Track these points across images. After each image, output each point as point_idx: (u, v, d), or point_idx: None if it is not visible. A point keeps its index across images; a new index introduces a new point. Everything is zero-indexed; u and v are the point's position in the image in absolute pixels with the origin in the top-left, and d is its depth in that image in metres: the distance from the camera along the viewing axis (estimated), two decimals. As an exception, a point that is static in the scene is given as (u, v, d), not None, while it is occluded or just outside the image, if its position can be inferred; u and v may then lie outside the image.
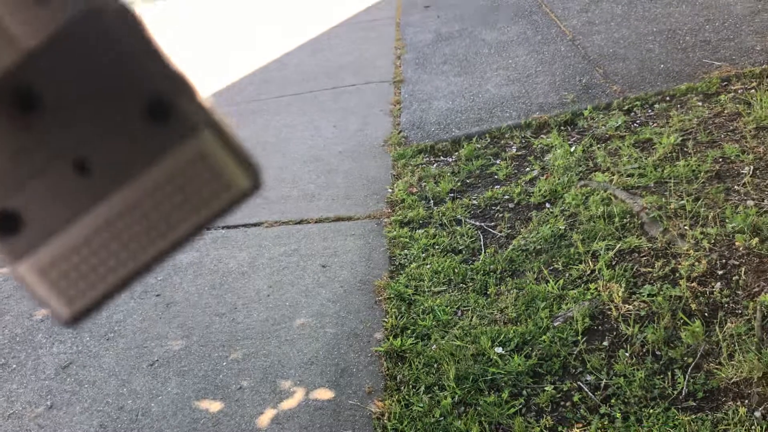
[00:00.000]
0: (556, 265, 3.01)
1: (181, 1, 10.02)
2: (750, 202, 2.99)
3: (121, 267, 0.41)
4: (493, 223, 3.46)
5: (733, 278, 2.64)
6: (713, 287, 2.63)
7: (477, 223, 3.48)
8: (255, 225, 3.77)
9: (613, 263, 2.92)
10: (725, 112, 3.82)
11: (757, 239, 2.75)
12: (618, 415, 2.26)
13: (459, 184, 3.88)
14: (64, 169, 0.39)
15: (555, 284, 2.87)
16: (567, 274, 2.94)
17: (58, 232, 0.40)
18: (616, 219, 3.14)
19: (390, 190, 3.93)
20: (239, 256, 3.49)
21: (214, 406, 2.60)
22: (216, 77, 6.40)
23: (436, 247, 3.33)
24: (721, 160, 3.38)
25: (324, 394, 2.61)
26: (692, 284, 2.66)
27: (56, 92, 0.38)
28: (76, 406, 2.67)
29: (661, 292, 2.67)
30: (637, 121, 4.04)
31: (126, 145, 0.39)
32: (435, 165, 4.17)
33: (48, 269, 0.40)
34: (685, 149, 3.56)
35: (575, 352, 2.55)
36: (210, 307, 3.13)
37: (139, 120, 0.39)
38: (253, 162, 0.41)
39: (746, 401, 2.20)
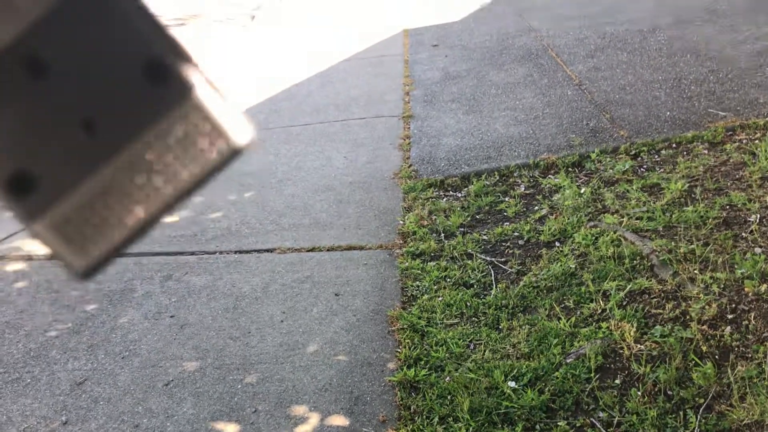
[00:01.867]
0: (567, 303, 3.07)
1: (189, 30, 10.15)
2: (758, 249, 3.08)
3: (130, 221, 0.44)
4: (503, 259, 3.52)
5: (743, 323, 2.71)
6: (723, 330, 2.69)
7: (488, 258, 3.54)
8: (268, 251, 3.82)
9: (624, 303, 2.98)
10: (731, 160, 3.93)
11: (765, 285, 2.83)
12: (632, 452, 2.30)
13: (469, 219, 3.95)
14: (72, 131, 0.42)
15: (567, 321, 2.93)
16: (578, 312, 3.00)
17: (70, 190, 0.43)
18: (627, 260, 3.22)
19: (401, 222, 4.00)
20: (253, 281, 3.53)
21: (230, 428, 2.62)
22: (226, 104, 6.47)
23: (448, 280, 3.39)
24: (728, 207, 3.48)
25: (338, 420, 2.63)
26: (703, 327, 2.73)
27: (61, 59, 0.42)
28: (91, 423, 2.68)
29: (672, 333, 2.73)
30: (644, 166, 4.14)
31: (129, 106, 0.42)
32: (445, 199, 4.24)
33: (62, 226, 0.43)
34: (693, 195, 3.65)
35: (588, 389, 2.60)
36: (224, 330, 3.16)
37: (139, 81, 0.42)
38: (244, 120, 0.45)
39: (757, 443, 2.25)
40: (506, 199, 4.13)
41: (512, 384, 2.68)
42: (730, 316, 2.76)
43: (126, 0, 0.42)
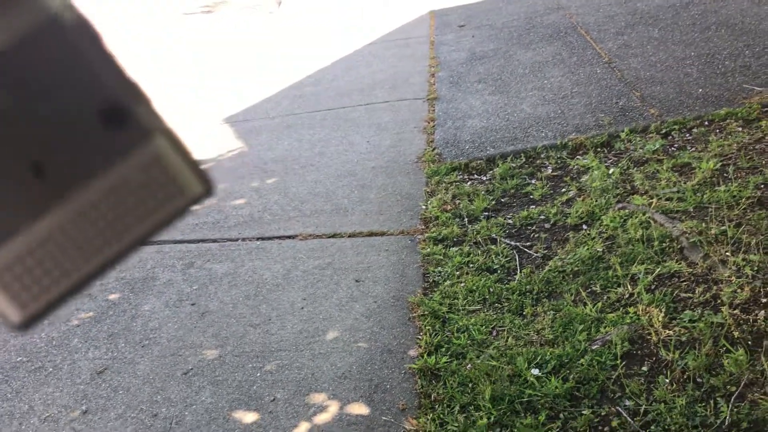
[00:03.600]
0: (594, 288, 2.98)
1: (216, 17, 10.16)
2: (794, 230, 2.95)
3: (75, 270, 0.41)
4: (528, 243, 3.44)
5: (778, 307, 2.60)
6: (757, 315, 2.58)
7: (512, 243, 3.46)
8: (289, 237, 3.79)
9: (653, 287, 2.88)
10: (766, 138, 3.77)
11: (802, 268, 2.70)
12: (659, 442, 2.22)
13: (494, 202, 3.86)
14: (19, 174, 0.39)
15: (593, 307, 2.84)
16: (605, 297, 2.90)
17: (12, 235, 0.40)
18: (656, 243, 3.11)
19: (424, 207, 3.93)
20: (274, 268, 3.50)
21: (248, 417, 2.60)
22: (252, 90, 6.46)
23: (471, 265, 3.31)
24: (762, 186, 3.34)
25: (358, 408, 2.59)
26: (735, 311, 2.62)
27: (12, 98, 0.38)
28: (110, 412, 2.69)
29: (702, 318, 2.63)
30: (675, 145, 4.00)
31: (82, 150, 0.39)
32: (469, 183, 4.16)
33: (1, 273, 0.40)
34: (725, 175, 3.52)
35: (614, 377, 2.51)
36: (244, 318, 3.14)
37: (95, 126, 0.39)
38: (203, 169, 0.42)
39: (792, 433, 2.15)
40: (532, 181, 4.03)
41: (536, 371, 2.61)
42: (763, 300, 2.64)
43: (87, 40, 0.39)
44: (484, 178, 4.19)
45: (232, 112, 5.97)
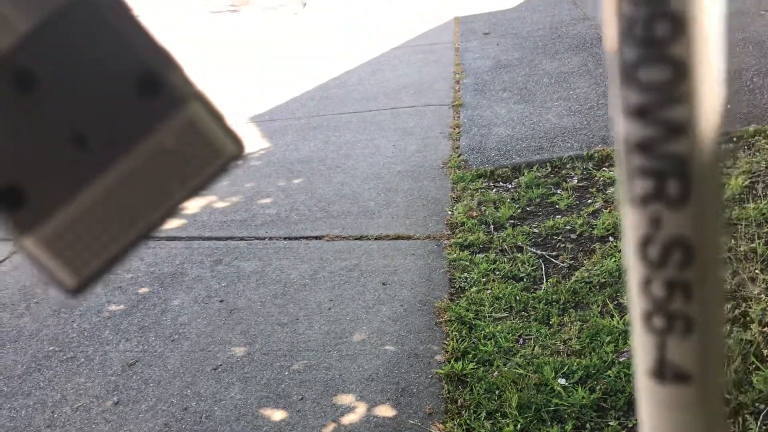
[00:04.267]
0: (621, 300, 3.00)
1: (242, 16, 10.23)
2: (824, 250, 2.95)
3: (122, 234, 0.43)
4: (555, 253, 3.46)
5: (807, 326, 2.61)
6: (786, 334, 2.59)
7: (538, 252, 3.48)
8: (316, 238, 3.83)
9: (680, 302, 2.89)
10: (795, 157, 3.78)
11: (832, 288, 2.71)
12: (686, 456, 2.23)
13: (519, 210, 3.89)
14: (62, 145, 0.41)
15: (620, 319, 2.85)
16: (632, 310, 2.92)
17: (61, 204, 0.41)
18: (683, 257, 3.12)
19: (450, 213, 3.95)
20: (301, 268, 3.54)
21: (277, 414, 2.63)
22: (277, 90, 6.51)
23: (497, 272, 3.34)
24: (792, 205, 3.34)
25: (385, 411, 2.62)
26: (764, 329, 2.63)
27: (51, 72, 0.40)
28: (141, 404, 2.73)
29: (731, 335, 2.64)
30: (703, 161, 4.00)
31: (120, 119, 0.41)
32: (494, 190, 4.18)
33: (53, 241, 0.42)
34: (754, 192, 3.52)
35: (641, 389, 2.52)
36: (272, 316, 3.18)
37: (130, 94, 0.41)
38: (236, 131, 0.44)
39: (821, 453, 2.16)
40: (558, 191, 4.05)
41: (562, 381, 2.63)
42: (793, 319, 2.65)
43: (118, 12, 0.41)
44: (510, 186, 4.21)
45: (257, 112, 6.02)
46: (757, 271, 2.93)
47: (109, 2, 0.41)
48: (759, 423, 2.28)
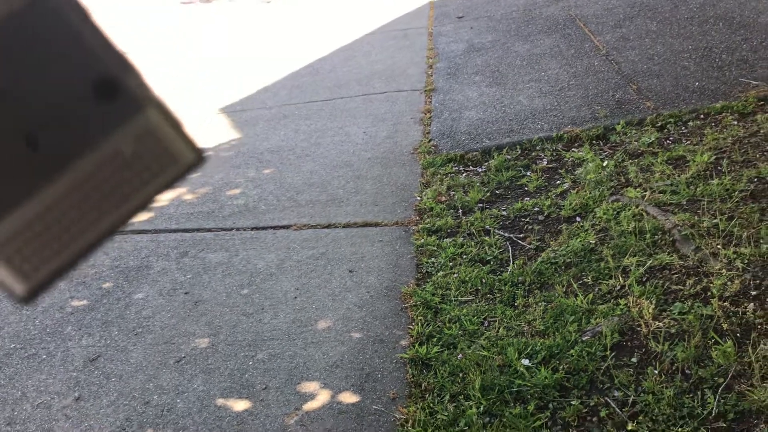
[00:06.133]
0: (585, 280, 2.99)
1: (214, 6, 10.13)
2: (786, 224, 2.95)
3: (74, 241, 0.41)
4: (522, 235, 3.45)
5: (767, 299, 2.61)
6: (746, 308, 2.59)
7: (506, 234, 3.47)
8: (284, 227, 3.80)
9: (644, 279, 2.89)
10: (761, 132, 3.77)
11: (792, 261, 2.71)
12: (646, 432, 2.23)
13: (488, 194, 3.87)
14: (16, 147, 0.40)
15: (584, 298, 2.85)
16: (596, 289, 2.92)
17: (11, 208, 0.40)
18: (648, 235, 3.12)
19: (418, 198, 3.93)
20: (267, 258, 3.51)
21: (240, 405, 2.61)
22: (249, 80, 6.46)
23: (464, 256, 3.32)
24: (756, 180, 3.34)
25: (348, 397, 2.61)
26: (724, 303, 2.63)
27: (6, 73, 0.39)
28: (103, 399, 2.70)
29: (692, 311, 2.64)
30: (671, 138, 4.00)
31: (77, 122, 0.40)
32: (464, 174, 4.16)
33: (1, 247, 0.41)
34: (719, 168, 3.52)
35: (603, 368, 2.53)
36: (237, 307, 3.16)
37: (88, 98, 0.40)
38: (193, 138, 0.43)
39: (778, 424, 2.16)
40: (528, 173, 4.04)
41: (526, 362, 2.62)
42: (753, 293, 2.65)
43: (76, 15, 0.40)
44: (480, 170, 4.19)
45: (228, 102, 5.97)
46: (719, 246, 2.93)
47: (68, 5, 0.40)
48: (717, 397, 2.28)
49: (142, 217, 4.08)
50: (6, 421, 2.65)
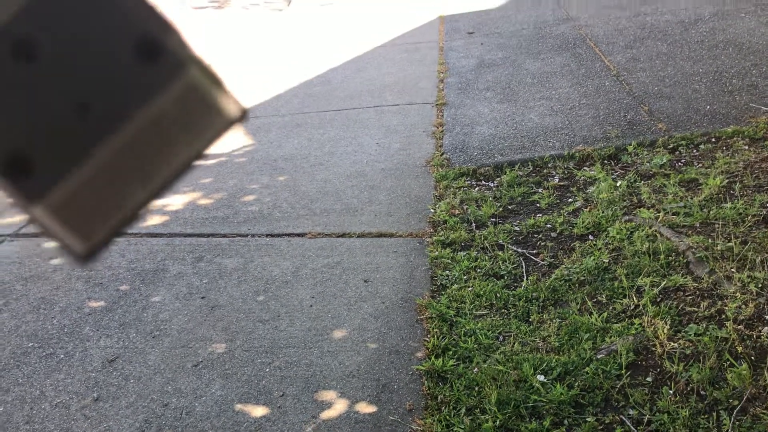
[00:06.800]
0: (599, 298, 3.03)
1: (226, 13, 10.19)
2: (798, 250, 3.00)
3: (129, 200, 0.44)
4: (535, 251, 3.49)
5: (781, 324, 2.65)
6: (761, 331, 2.63)
7: (519, 250, 3.51)
8: (299, 235, 3.83)
9: (658, 300, 2.93)
10: (772, 157, 3.83)
11: (805, 287, 2.76)
12: (661, 451, 2.27)
13: (501, 209, 3.91)
14: (66, 113, 0.42)
15: (599, 316, 2.89)
16: (611, 308, 2.95)
17: (67, 172, 0.42)
18: (662, 256, 3.16)
19: (432, 211, 3.97)
20: (283, 265, 3.54)
21: (257, 411, 2.64)
22: (261, 87, 6.50)
23: (478, 270, 3.36)
24: (768, 205, 3.40)
25: (365, 407, 2.63)
26: (739, 326, 2.67)
27: (51, 42, 0.41)
28: (121, 400, 2.72)
29: (707, 332, 2.68)
30: (682, 161, 4.06)
31: (121, 86, 0.42)
32: (477, 189, 4.20)
33: (61, 209, 0.43)
34: (732, 192, 3.57)
35: (618, 386, 2.56)
36: (254, 313, 3.18)
37: (130, 60, 0.42)
38: (235, 95, 0.45)
39: (792, 448, 2.20)
40: (539, 190, 4.08)
41: (541, 378, 2.65)
42: (767, 317, 2.70)
43: None
44: (492, 185, 4.24)
45: (241, 109, 5.99)
46: (733, 270, 2.97)
47: None
48: (732, 419, 2.31)
49: (156, 220, 4.11)
50: (25, 420, 2.66)
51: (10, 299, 3.45)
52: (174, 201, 4.34)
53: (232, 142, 5.24)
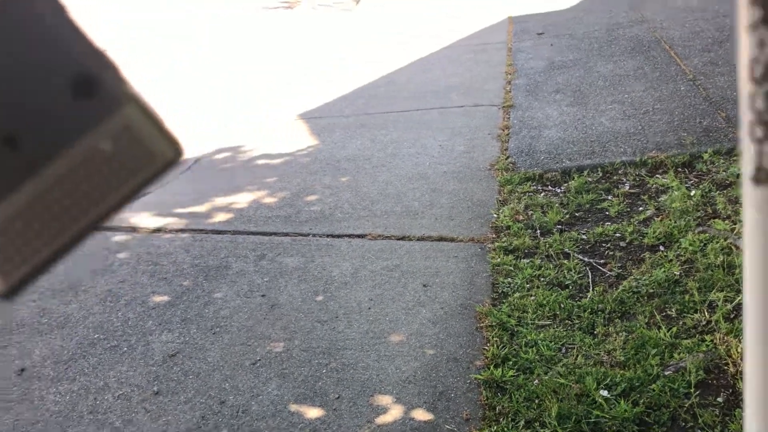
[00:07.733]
0: (669, 312, 2.91)
1: (295, 13, 10.31)
2: None
3: (54, 239, 0.41)
4: (602, 261, 3.37)
5: None
6: None
7: (585, 259, 3.40)
8: (359, 236, 3.82)
9: (732, 316, 2.79)
10: None
11: None
12: (733, 478, 2.15)
13: (567, 216, 3.80)
14: None
15: (668, 331, 2.77)
16: (681, 323, 2.83)
17: None
18: (737, 271, 3.01)
19: (495, 216, 3.90)
20: (343, 266, 3.54)
21: (313, 412, 2.63)
22: (327, 88, 6.53)
23: (542, 279, 3.27)
24: None
25: (421, 414, 2.59)
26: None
27: None
28: (180, 395, 2.76)
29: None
30: (762, 170, 3.86)
31: (53, 120, 0.40)
32: (543, 194, 4.10)
33: None
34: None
35: (686, 405, 2.44)
36: (312, 313, 3.18)
37: (65, 95, 0.40)
38: (173, 134, 0.42)
39: None
40: (609, 197, 3.95)
41: (605, 393, 2.56)
42: None
43: (53, 11, 0.40)
44: (559, 191, 4.13)
45: (306, 108, 6.05)
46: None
47: (46, 3, 0.40)
48: None
49: (221, 217, 4.17)
50: (89, 410, 2.73)
51: (79, 291, 3.55)
52: (239, 199, 4.39)
53: (296, 142, 5.28)
